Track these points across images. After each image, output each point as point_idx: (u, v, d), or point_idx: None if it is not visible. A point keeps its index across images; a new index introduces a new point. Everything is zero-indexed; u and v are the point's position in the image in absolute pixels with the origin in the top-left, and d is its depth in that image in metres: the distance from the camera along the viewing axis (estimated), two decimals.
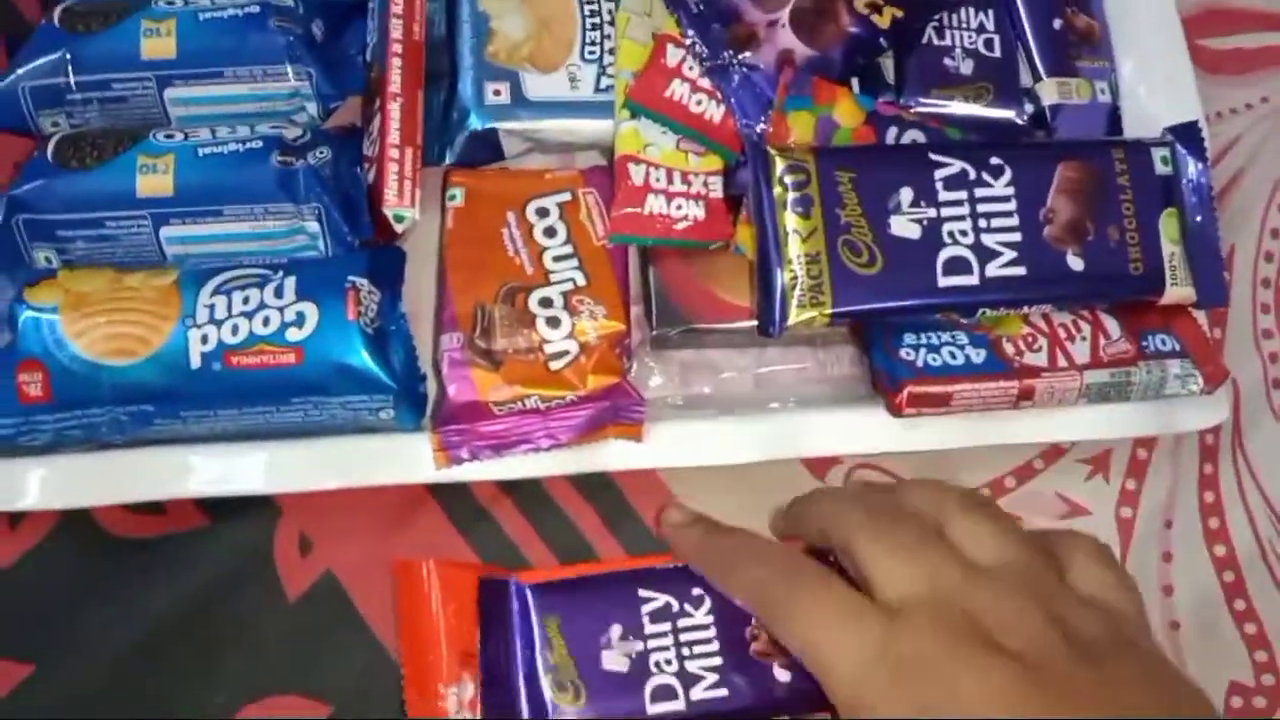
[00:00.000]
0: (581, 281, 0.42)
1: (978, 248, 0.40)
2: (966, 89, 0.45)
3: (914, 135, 0.42)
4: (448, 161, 0.44)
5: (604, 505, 0.44)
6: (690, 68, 0.42)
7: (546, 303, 0.42)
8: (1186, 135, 0.44)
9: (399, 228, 0.41)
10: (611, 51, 0.44)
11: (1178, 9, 0.50)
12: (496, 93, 0.43)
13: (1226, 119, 0.54)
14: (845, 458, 0.45)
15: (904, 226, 0.39)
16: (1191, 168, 0.43)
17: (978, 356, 0.41)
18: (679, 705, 0.38)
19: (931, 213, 0.40)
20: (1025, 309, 0.42)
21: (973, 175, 0.40)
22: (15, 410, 0.38)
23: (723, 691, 0.38)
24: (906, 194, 0.40)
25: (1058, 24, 0.46)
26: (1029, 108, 0.45)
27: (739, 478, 0.42)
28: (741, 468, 0.42)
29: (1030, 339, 0.42)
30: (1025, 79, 0.46)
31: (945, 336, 0.41)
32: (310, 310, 0.38)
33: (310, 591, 0.42)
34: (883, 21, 0.43)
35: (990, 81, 0.45)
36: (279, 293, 0.39)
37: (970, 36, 0.45)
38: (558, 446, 0.40)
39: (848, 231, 0.39)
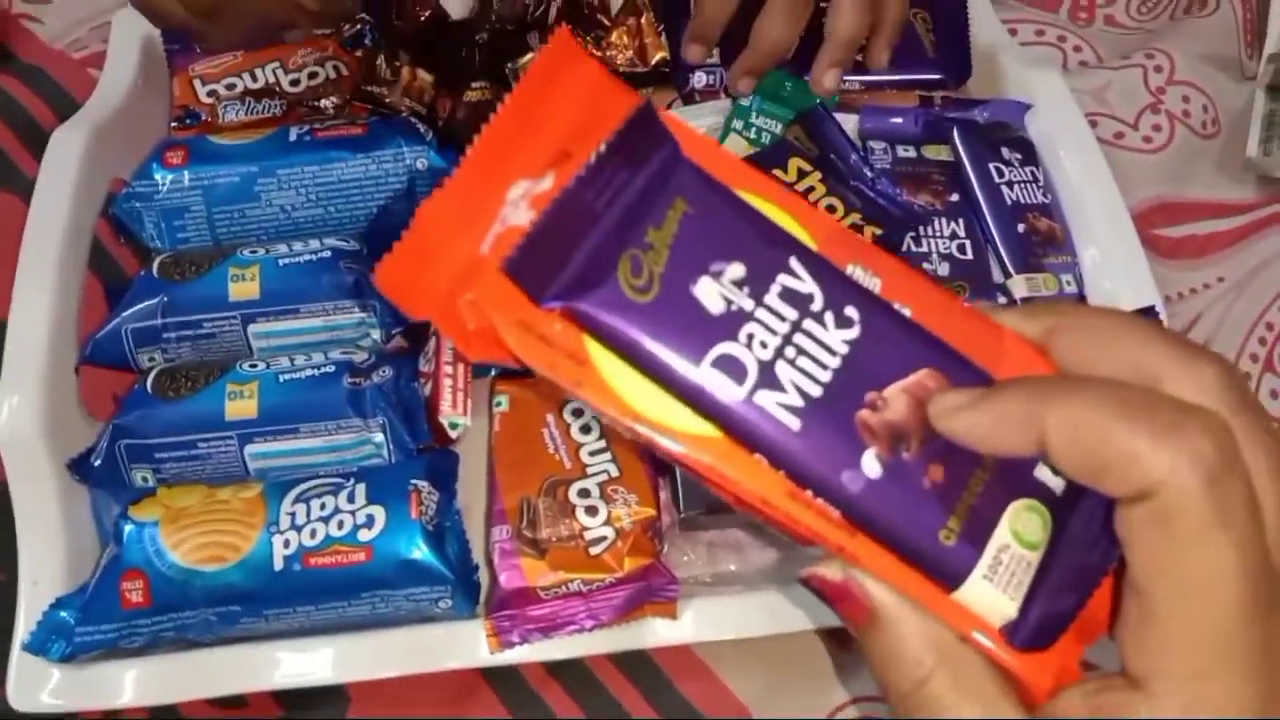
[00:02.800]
0: (615, 473, 0.47)
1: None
2: (945, 288, 0.51)
3: None
4: (493, 373, 0.50)
5: (644, 681, 0.48)
6: None
7: (585, 493, 0.47)
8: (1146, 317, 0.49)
9: (454, 434, 0.46)
10: None
11: (1131, 205, 0.57)
12: None
13: (1187, 299, 0.59)
14: None
15: (708, 293, 0.28)
16: None
17: None
18: (734, 392, 0.28)
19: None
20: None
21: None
22: (118, 616, 0.42)
23: (795, 423, 0.28)
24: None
25: (1021, 228, 0.53)
26: (1002, 301, 0.51)
27: (769, 649, 0.46)
28: (770, 639, 0.45)
29: None
30: (998, 276, 0.52)
31: None
32: (379, 513, 0.43)
33: None
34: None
35: (965, 280, 0.51)
36: (351, 498, 0.44)
37: (944, 243, 0.52)
38: (600, 626, 0.44)
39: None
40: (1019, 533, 0.28)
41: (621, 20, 0.58)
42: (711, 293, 0.28)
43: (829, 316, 0.29)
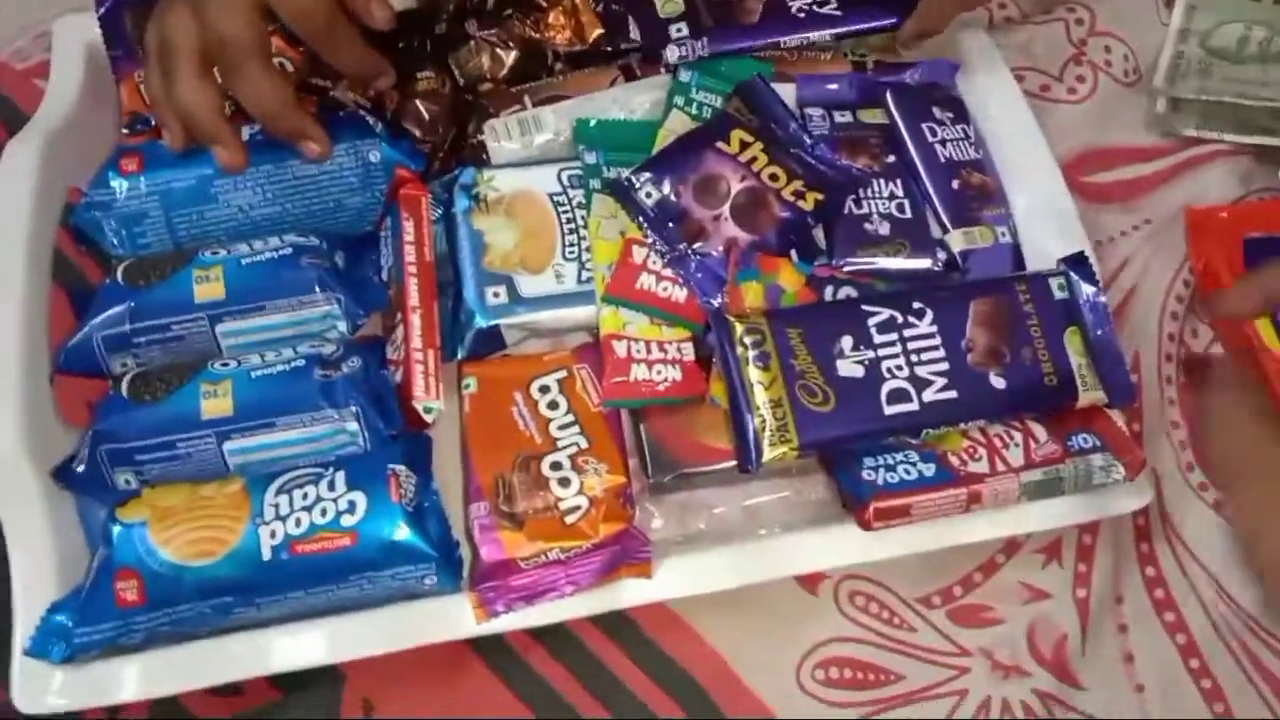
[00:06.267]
0: (584, 444, 0.49)
1: (913, 379, 0.47)
2: (886, 246, 0.53)
3: (848, 290, 0.51)
4: (460, 356, 0.52)
5: (625, 639, 0.50)
6: (653, 261, 0.50)
7: (557, 466, 0.49)
8: (1076, 263, 0.52)
9: (428, 418, 0.48)
10: (588, 250, 0.52)
11: (1060, 154, 0.60)
12: (496, 295, 0.51)
13: (1118, 241, 0.62)
14: (831, 571, 0.52)
15: (849, 368, 0.47)
16: (1085, 289, 0.51)
17: (928, 470, 0.48)
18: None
19: (870, 354, 0.47)
20: (962, 425, 0.49)
21: (900, 319, 0.48)
22: (115, 615, 0.44)
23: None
24: (847, 341, 0.48)
25: (955, 184, 0.55)
26: (942, 255, 0.54)
27: (740, 601, 0.48)
28: (741, 590, 0.48)
29: (971, 450, 0.49)
30: (936, 232, 0.55)
31: (899, 456, 0.48)
32: (360, 498, 0.45)
33: None
34: (807, 205, 0.52)
35: (905, 238, 0.54)
36: (332, 486, 0.45)
37: (884, 204, 0.54)
38: (579, 590, 0.46)
39: (802, 378, 0.46)
40: None
41: (557, 0, 0.59)
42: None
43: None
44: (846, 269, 0.53)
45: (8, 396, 0.48)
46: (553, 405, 0.50)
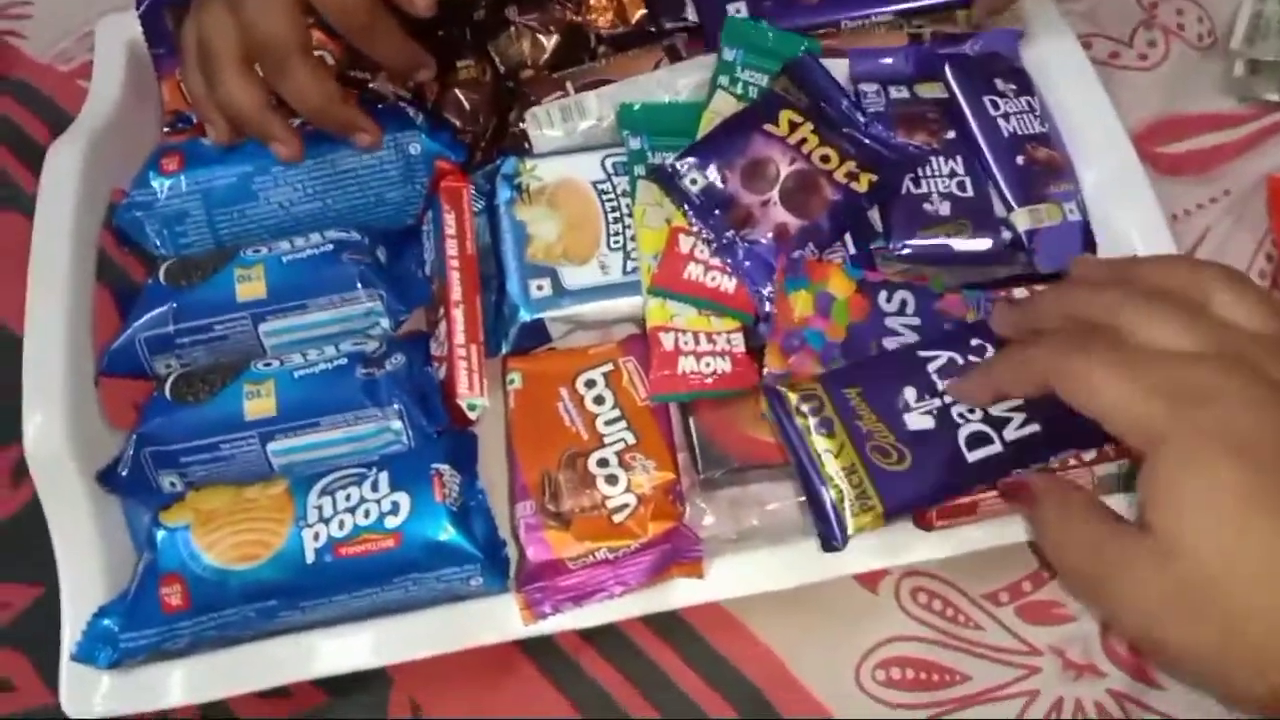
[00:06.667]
0: (632, 440, 0.48)
1: (989, 420, 0.42)
2: (947, 226, 0.51)
3: (902, 295, 0.48)
4: (504, 351, 0.50)
5: (678, 640, 0.49)
6: (700, 250, 0.48)
7: (603, 463, 0.47)
8: None
9: (472, 415, 0.47)
10: (633, 239, 0.51)
11: (1130, 125, 0.57)
12: (540, 288, 0.50)
13: (1195, 214, 0.59)
14: (892, 569, 0.50)
15: (918, 420, 0.43)
16: None
17: None
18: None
19: (937, 402, 0.43)
20: (1053, 459, 0.44)
21: (960, 360, 0.44)
22: (160, 620, 0.44)
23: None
24: (910, 392, 0.43)
25: (1020, 160, 0.53)
26: (1006, 235, 0.51)
27: (797, 600, 0.46)
28: (797, 590, 0.46)
29: None
30: (1000, 210, 0.52)
31: None
32: (403, 499, 0.44)
33: None
34: (860, 186, 0.49)
35: (967, 217, 0.51)
36: (375, 487, 0.45)
37: (944, 182, 0.52)
38: (629, 591, 0.45)
39: (872, 438, 0.43)
40: None
41: None
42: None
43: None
44: (904, 252, 0.50)
45: (54, 400, 0.48)
46: (599, 400, 0.49)
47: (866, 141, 0.51)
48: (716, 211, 0.49)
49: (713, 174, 0.49)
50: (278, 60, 0.47)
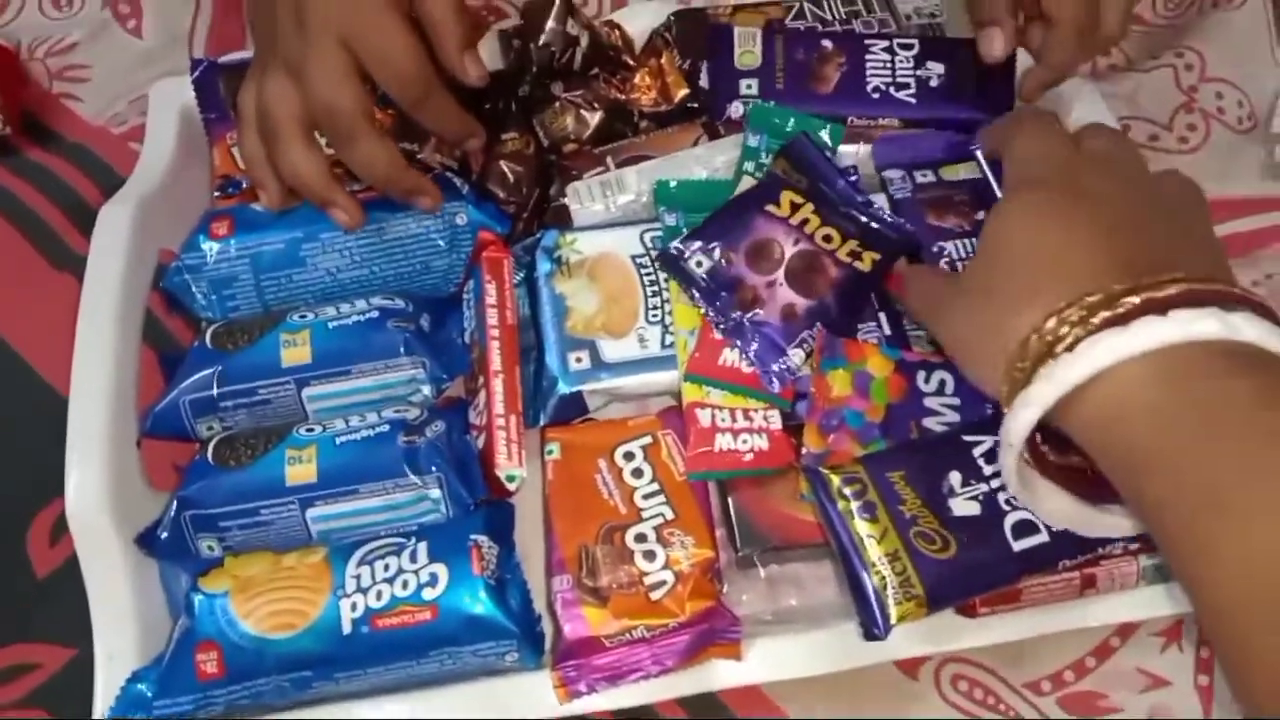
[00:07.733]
0: (670, 515, 0.47)
1: None
2: None
3: (941, 375, 0.48)
4: (542, 422, 0.50)
5: None
6: None
7: (641, 538, 0.47)
8: None
9: (511, 486, 0.47)
10: (670, 313, 0.51)
11: None
12: (579, 360, 0.50)
13: None
14: (932, 655, 0.49)
15: (963, 506, 0.43)
16: None
17: None
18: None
19: (983, 487, 0.43)
20: (1100, 549, 0.44)
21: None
22: (194, 688, 0.43)
23: None
24: (955, 477, 0.44)
25: None
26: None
27: (835, 683, 0.46)
28: (838, 674, 0.45)
29: None
30: None
31: None
32: (441, 571, 0.44)
33: None
34: (864, 265, 0.49)
35: None
36: (414, 557, 0.44)
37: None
38: (666, 672, 0.44)
39: (915, 523, 0.43)
40: None
41: (644, 60, 0.59)
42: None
43: None
44: None
45: (95, 460, 0.48)
46: (637, 473, 0.49)
47: (865, 220, 0.51)
48: (723, 294, 0.49)
49: (718, 255, 0.49)
50: (344, 129, 0.48)
